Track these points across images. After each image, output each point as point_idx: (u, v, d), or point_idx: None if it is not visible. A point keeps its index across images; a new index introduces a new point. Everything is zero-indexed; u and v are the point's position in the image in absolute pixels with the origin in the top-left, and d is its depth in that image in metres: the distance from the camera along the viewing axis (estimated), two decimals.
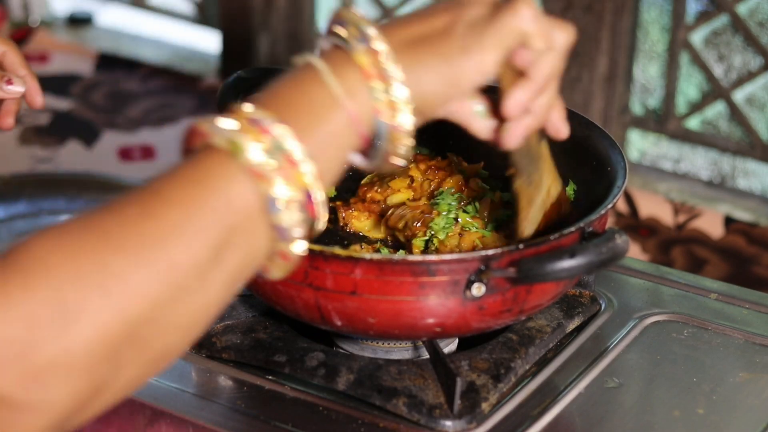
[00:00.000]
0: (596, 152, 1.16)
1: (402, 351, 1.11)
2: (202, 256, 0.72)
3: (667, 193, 2.15)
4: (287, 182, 0.73)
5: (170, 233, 0.71)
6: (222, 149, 0.73)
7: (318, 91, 0.78)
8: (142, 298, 0.70)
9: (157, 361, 0.73)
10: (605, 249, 0.97)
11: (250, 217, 0.73)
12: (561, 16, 2.19)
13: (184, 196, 0.72)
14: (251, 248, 0.74)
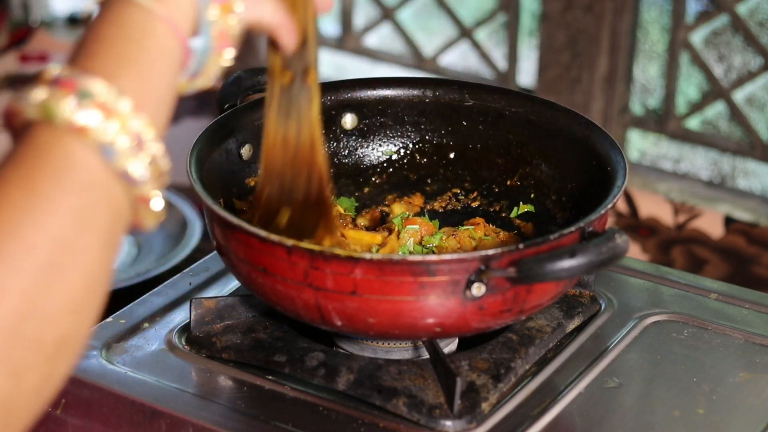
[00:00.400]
0: (596, 152, 1.16)
1: (402, 351, 1.11)
2: (61, 228, 0.68)
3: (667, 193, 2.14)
4: (108, 125, 0.70)
5: (19, 218, 0.67)
6: (39, 119, 0.70)
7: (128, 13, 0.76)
8: (10, 295, 0.66)
9: (59, 354, 0.68)
10: (605, 249, 0.97)
11: (93, 172, 0.70)
12: (561, 17, 2.19)
13: (21, 176, 0.68)
14: (110, 202, 0.71)
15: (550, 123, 1.23)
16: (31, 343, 0.67)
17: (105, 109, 0.70)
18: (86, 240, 0.69)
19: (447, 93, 1.28)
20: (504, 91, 1.27)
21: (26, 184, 0.68)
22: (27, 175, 0.69)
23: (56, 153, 0.69)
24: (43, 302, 0.67)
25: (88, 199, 0.70)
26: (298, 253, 0.99)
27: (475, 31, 2.37)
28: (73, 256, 0.69)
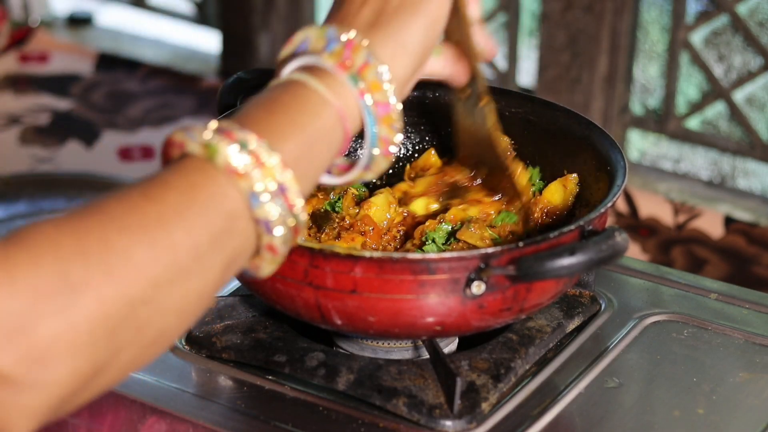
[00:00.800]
0: (596, 152, 1.16)
1: (402, 351, 1.11)
2: (201, 239, 0.75)
3: (667, 193, 2.15)
4: (258, 174, 0.78)
5: (171, 216, 0.74)
6: (199, 155, 0.78)
7: (300, 96, 0.84)
8: (144, 277, 0.72)
9: (153, 344, 0.75)
10: (605, 246, 0.98)
11: (237, 208, 0.77)
12: (561, 17, 2.19)
13: (180, 187, 0.76)
14: (243, 237, 0.78)
15: (550, 123, 1.23)
16: (140, 326, 0.73)
17: (258, 160, 0.78)
18: (215, 259, 0.76)
19: (447, 93, 1.28)
20: (504, 91, 1.27)
21: (184, 192, 0.76)
22: (186, 186, 0.76)
23: (211, 181, 0.77)
24: (164, 295, 0.74)
25: (228, 228, 0.77)
26: (297, 252, 0.99)
27: None
28: (201, 268, 0.76)
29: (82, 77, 3.20)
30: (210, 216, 0.76)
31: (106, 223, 0.73)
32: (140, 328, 0.73)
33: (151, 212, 0.74)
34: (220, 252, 0.76)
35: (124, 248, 0.72)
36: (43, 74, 3.14)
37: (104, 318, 0.70)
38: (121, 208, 0.74)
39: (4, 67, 3.09)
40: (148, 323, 0.73)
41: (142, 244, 0.73)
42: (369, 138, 0.88)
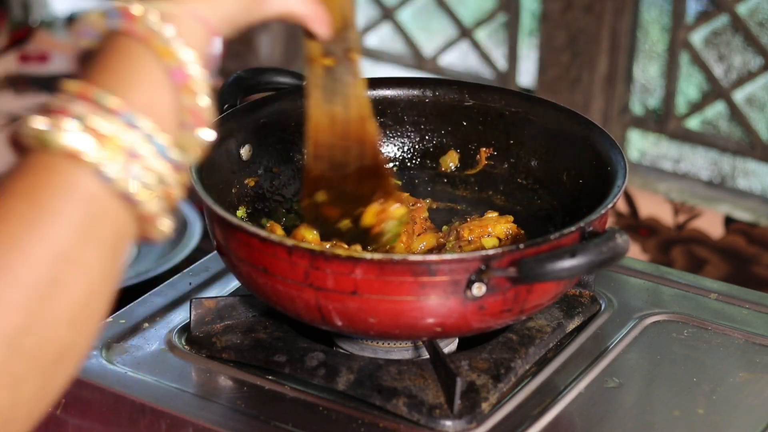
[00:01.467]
0: (596, 152, 1.16)
1: (402, 351, 1.11)
2: (62, 242, 0.68)
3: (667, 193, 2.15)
4: (102, 149, 0.70)
5: (20, 230, 0.67)
6: (37, 146, 0.70)
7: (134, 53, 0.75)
8: (11, 310, 0.66)
9: (56, 368, 0.69)
10: (606, 248, 0.98)
11: (93, 189, 0.70)
12: (561, 17, 2.19)
13: (24, 190, 0.69)
14: (112, 217, 0.71)
15: (550, 123, 1.23)
16: (29, 356, 0.67)
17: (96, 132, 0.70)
18: (88, 254, 0.69)
19: (447, 93, 1.28)
20: (504, 91, 1.27)
21: (29, 197, 0.69)
22: (30, 190, 0.69)
23: (56, 172, 0.70)
24: (43, 316, 0.67)
25: (90, 213, 0.70)
26: (298, 253, 0.99)
27: (475, 31, 2.37)
28: (75, 269, 0.69)
29: None
30: (65, 214, 0.68)
31: None
32: (32, 357, 0.67)
33: (2, 234, 0.67)
34: (92, 245, 0.69)
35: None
36: (44, 74, 3.13)
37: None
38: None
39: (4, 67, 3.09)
40: (38, 350, 0.67)
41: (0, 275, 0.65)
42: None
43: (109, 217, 0.71)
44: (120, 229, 0.71)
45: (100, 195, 0.70)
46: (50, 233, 0.68)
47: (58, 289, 0.68)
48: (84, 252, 0.69)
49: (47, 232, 0.68)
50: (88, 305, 0.70)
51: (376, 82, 1.29)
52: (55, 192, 0.69)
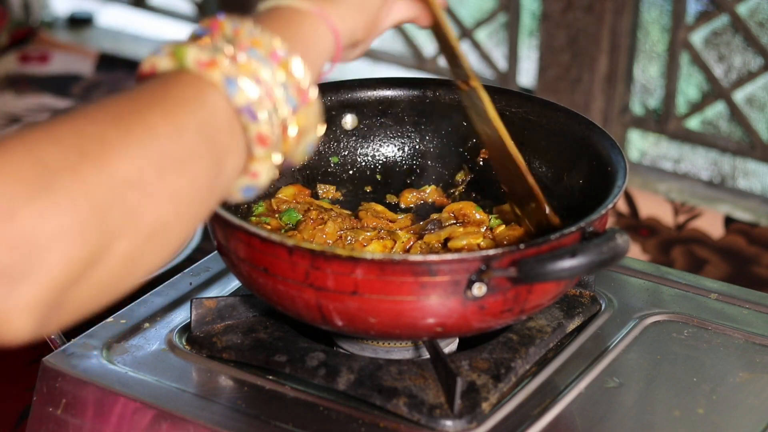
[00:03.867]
0: (597, 152, 1.16)
1: (402, 351, 1.11)
2: (182, 126, 0.74)
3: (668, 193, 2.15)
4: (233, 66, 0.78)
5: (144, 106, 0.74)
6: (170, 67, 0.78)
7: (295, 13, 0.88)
8: (124, 160, 0.71)
9: (152, 236, 0.73)
10: (606, 249, 0.98)
11: (216, 105, 0.77)
12: (561, 17, 2.19)
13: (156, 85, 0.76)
14: (228, 132, 0.78)
15: (550, 123, 1.23)
16: (129, 212, 0.71)
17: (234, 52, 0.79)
18: (201, 149, 0.75)
19: (447, 93, 1.29)
20: (504, 91, 1.27)
21: (157, 91, 0.75)
22: (160, 87, 0.76)
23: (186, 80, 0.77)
24: (152, 181, 0.72)
25: (209, 119, 0.76)
26: (299, 254, 0.99)
27: (476, 31, 2.37)
28: (191, 158, 0.74)
29: (83, 77, 3.20)
30: (188, 107, 0.75)
31: (79, 117, 0.71)
32: (131, 212, 0.71)
33: (125, 105, 0.73)
34: (205, 144, 0.75)
35: (97, 133, 0.71)
36: (44, 74, 3.14)
37: (86, 198, 0.68)
38: (94, 107, 0.73)
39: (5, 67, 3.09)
40: (139, 208, 0.71)
41: (115, 129, 0.71)
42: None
43: (225, 130, 0.77)
44: (232, 147, 0.78)
45: (222, 106, 0.77)
46: (173, 114, 0.74)
47: (170, 164, 0.73)
48: (198, 146, 0.75)
49: (171, 112, 0.74)
50: (191, 196, 0.75)
51: (376, 82, 1.29)
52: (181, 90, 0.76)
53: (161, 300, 1.22)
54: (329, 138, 1.28)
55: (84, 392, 1.09)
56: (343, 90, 1.28)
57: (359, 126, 1.29)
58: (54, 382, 1.10)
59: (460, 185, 1.28)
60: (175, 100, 0.75)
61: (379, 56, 2.49)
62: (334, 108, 1.27)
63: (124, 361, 1.12)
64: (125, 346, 1.14)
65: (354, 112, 1.29)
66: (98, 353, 1.13)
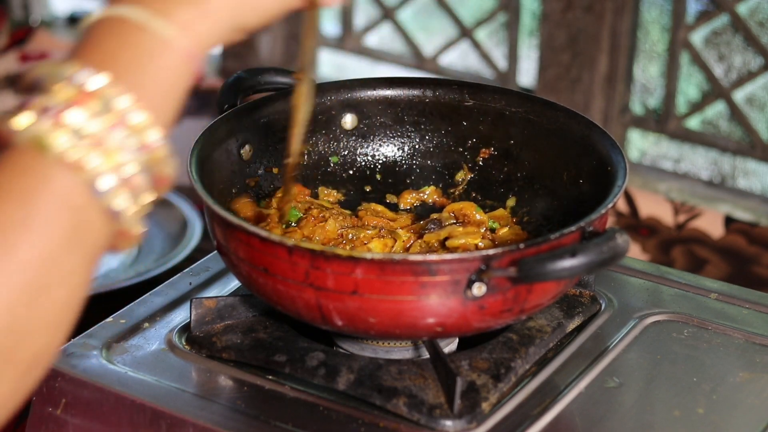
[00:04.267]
0: (597, 152, 1.16)
1: (402, 351, 1.11)
2: (51, 248, 0.69)
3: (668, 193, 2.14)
4: (98, 165, 0.70)
5: (13, 231, 0.68)
6: (30, 147, 0.70)
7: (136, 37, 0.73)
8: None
9: (30, 369, 0.69)
10: (606, 248, 0.98)
11: (83, 208, 0.70)
12: (561, 17, 2.19)
13: (18, 190, 0.69)
14: (96, 230, 0.72)
15: (550, 123, 1.23)
16: (5, 357, 0.67)
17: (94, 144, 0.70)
18: (73, 260, 0.70)
19: (447, 93, 1.28)
20: (504, 91, 1.27)
21: (21, 201, 0.69)
22: (22, 193, 0.69)
23: (50, 179, 0.70)
24: (25, 318, 0.68)
25: (78, 226, 0.70)
26: (298, 253, 0.99)
27: (476, 30, 2.37)
28: (60, 275, 0.69)
29: None
30: (56, 221, 0.69)
31: None
32: (8, 358, 0.67)
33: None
34: (78, 252, 0.70)
35: None
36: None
37: None
38: None
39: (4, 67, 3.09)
40: (16, 351, 0.67)
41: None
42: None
43: (94, 227, 0.71)
44: (101, 238, 0.72)
45: (88, 205, 0.71)
46: (41, 238, 0.69)
47: (42, 292, 0.68)
48: (69, 258, 0.70)
49: (38, 237, 0.68)
50: (67, 309, 0.70)
51: (376, 82, 1.29)
52: (48, 199, 0.69)
53: (161, 300, 1.22)
54: (329, 138, 1.28)
55: (83, 392, 1.09)
56: (343, 90, 1.28)
57: (359, 126, 1.29)
58: (53, 381, 1.10)
59: (460, 185, 1.28)
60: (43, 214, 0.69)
61: (379, 56, 2.49)
62: (334, 108, 1.27)
63: (123, 361, 1.12)
64: (125, 346, 1.14)
65: (354, 112, 1.28)
66: (98, 353, 1.13)
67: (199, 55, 0.75)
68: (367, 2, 2.47)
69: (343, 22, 2.51)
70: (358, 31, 2.50)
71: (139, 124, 0.71)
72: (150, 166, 0.73)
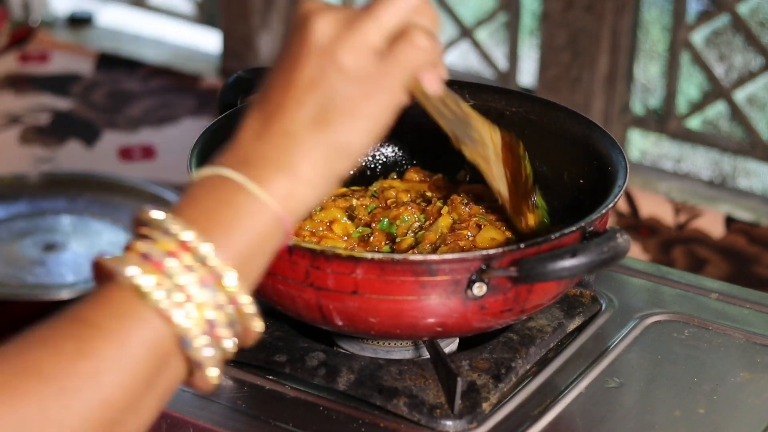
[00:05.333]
0: (597, 152, 1.16)
1: (403, 351, 1.11)
2: (135, 390, 0.72)
3: (668, 193, 2.15)
4: (189, 319, 0.73)
5: (105, 371, 0.71)
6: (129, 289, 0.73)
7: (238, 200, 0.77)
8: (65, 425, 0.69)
9: None
10: (606, 248, 0.97)
11: (168, 354, 0.74)
12: (561, 16, 2.19)
13: (114, 329, 0.72)
14: (175, 376, 0.75)
15: (550, 123, 1.23)
16: None
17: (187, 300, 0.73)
18: (148, 402, 0.73)
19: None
20: (504, 91, 1.27)
21: (116, 342, 0.72)
22: (118, 334, 0.72)
23: (144, 325, 0.73)
24: None
25: (160, 370, 0.73)
26: (299, 253, 0.99)
27: (476, 30, 2.37)
28: (135, 413, 0.73)
29: (83, 77, 3.20)
30: (143, 364, 0.73)
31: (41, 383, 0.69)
32: None
33: (85, 369, 0.70)
34: (153, 394, 0.74)
35: (61, 417, 0.69)
36: (44, 74, 3.14)
37: None
38: (54, 364, 0.70)
39: (5, 67, 3.09)
40: None
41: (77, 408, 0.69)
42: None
43: (172, 375, 0.75)
44: (179, 381, 0.76)
45: (175, 354, 0.74)
46: (127, 379, 0.72)
47: (117, 428, 0.72)
48: (147, 399, 0.73)
49: (125, 377, 0.71)
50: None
51: None
52: (140, 343, 0.72)
53: None
54: None
55: None
56: None
57: None
58: None
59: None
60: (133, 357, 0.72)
61: None
62: None
63: None
64: None
65: None
66: None
67: (292, 221, 0.79)
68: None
69: None
70: None
71: (229, 283, 0.75)
72: (236, 322, 0.76)
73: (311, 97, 0.80)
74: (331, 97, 0.80)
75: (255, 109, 0.82)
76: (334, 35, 0.80)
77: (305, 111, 0.79)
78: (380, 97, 0.81)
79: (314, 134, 0.79)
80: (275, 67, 0.82)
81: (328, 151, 0.80)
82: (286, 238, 0.79)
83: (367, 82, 0.80)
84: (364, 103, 0.80)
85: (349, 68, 0.80)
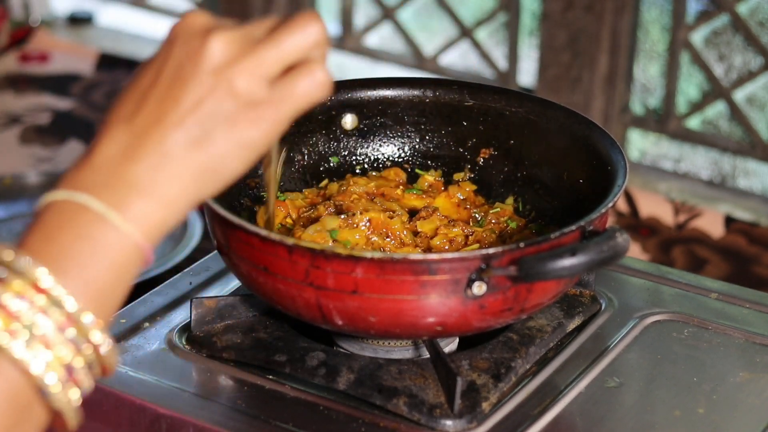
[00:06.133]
0: (597, 152, 1.16)
1: (402, 350, 1.11)
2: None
3: (668, 193, 2.14)
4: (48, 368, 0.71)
5: None
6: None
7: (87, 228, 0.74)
8: None
9: None
10: (606, 247, 0.98)
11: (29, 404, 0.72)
12: (561, 16, 2.19)
13: None
14: (38, 421, 0.73)
15: (550, 123, 1.23)
16: None
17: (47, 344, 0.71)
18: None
19: (447, 93, 1.28)
20: (504, 91, 1.27)
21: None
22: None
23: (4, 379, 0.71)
24: None
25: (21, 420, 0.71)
26: (299, 253, 0.99)
27: (476, 30, 2.37)
28: None
29: (83, 77, 3.20)
30: (4, 416, 0.70)
31: None
32: None
33: None
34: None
35: None
36: (44, 74, 3.14)
37: None
38: None
39: (4, 67, 3.09)
40: None
41: None
42: None
43: (35, 417, 0.72)
44: (41, 425, 0.73)
45: (33, 399, 0.72)
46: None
47: None
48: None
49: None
50: None
51: (376, 82, 1.29)
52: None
53: (161, 299, 1.22)
54: (329, 138, 1.28)
55: None
56: (343, 90, 1.28)
57: (359, 126, 1.29)
58: None
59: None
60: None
61: (379, 56, 2.49)
62: (334, 108, 1.27)
63: (123, 361, 1.12)
64: (125, 345, 1.14)
65: (354, 112, 1.28)
66: None
67: (151, 246, 0.76)
68: (367, 2, 2.47)
69: (343, 22, 2.51)
70: (358, 30, 2.50)
71: (85, 323, 0.72)
72: (94, 363, 0.74)
73: (194, 117, 0.76)
74: (215, 119, 0.76)
75: (119, 123, 0.77)
76: (231, 57, 0.77)
77: (184, 131, 0.76)
78: (265, 125, 0.78)
79: (189, 156, 0.76)
80: (147, 79, 0.78)
81: (202, 175, 0.77)
82: (146, 266, 0.76)
83: (257, 108, 0.78)
84: (248, 130, 0.77)
85: (242, 92, 0.77)
